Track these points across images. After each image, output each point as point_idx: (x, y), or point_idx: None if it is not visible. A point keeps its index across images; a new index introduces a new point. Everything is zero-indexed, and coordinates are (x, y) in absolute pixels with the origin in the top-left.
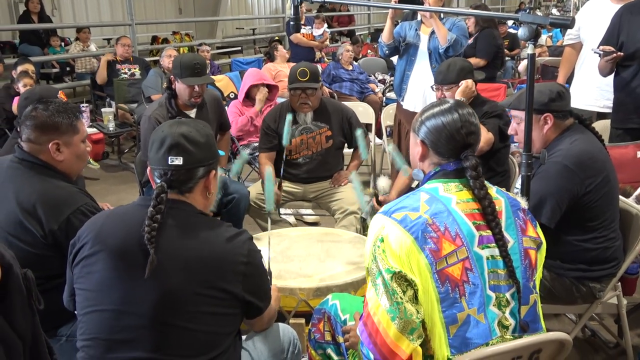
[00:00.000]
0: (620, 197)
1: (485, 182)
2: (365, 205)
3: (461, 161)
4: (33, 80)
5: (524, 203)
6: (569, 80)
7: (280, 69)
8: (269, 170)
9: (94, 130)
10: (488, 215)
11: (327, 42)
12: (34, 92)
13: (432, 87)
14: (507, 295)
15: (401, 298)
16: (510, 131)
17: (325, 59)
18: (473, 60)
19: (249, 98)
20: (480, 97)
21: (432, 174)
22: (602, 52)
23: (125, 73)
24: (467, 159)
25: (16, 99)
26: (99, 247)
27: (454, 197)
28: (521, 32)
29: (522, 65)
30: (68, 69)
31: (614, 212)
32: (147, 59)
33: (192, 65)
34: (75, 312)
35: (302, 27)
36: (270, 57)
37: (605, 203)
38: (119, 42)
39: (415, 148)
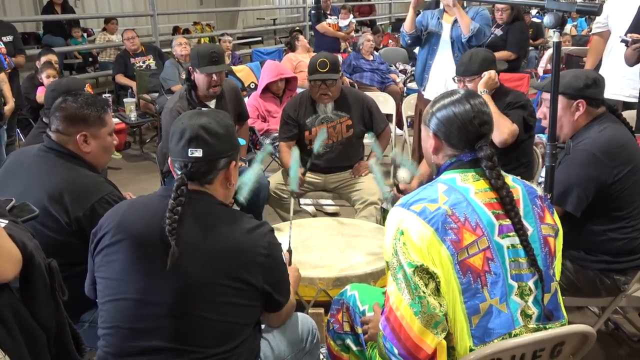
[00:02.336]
0: None
1: (501, 171)
2: (387, 193)
3: (476, 152)
4: (56, 70)
5: (540, 190)
6: (596, 69)
7: (301, 59)
8: (296, 151)
9: (116, 120)
10: (506, 205)
11: (353, 33)
12: (61, 84)
13: (453, 78)
14: (530, 283)
15: (423, 292)
16: (539, 115)
17: (349, 49)
18: (504, 54)
19: (269, 90)
20: (504, 88)
21: (449, 164)
22: (630, 40)
23: (140, 66)
24: (482, 149)
25: (40, 88)
26: (121, 237)
27: (472, 186)
28: (547, 19)
29: (547, 54)
30: (90, 59)
31: None
32: (168, 49)
33: (209, 54)
34: (97, 300)
35: (329, 17)
36: (292, 47)
37: (633, 192)
38: (124, 37)
39: (428, 141)
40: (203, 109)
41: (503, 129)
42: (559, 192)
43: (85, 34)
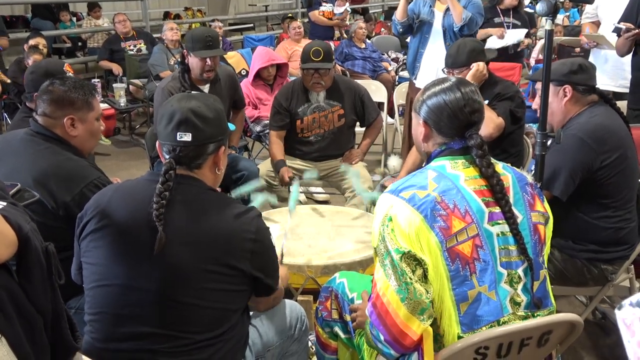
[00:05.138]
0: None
1: (491, 159)
2: (363, 192)
3: (466, 140)
4: (42, 55)
5: (530, 178)
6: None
7: (296, 48)
8: (296, 187)
9: (105, 105)
10: (497, 193)
11: (347, 22)
12: (39, 66)
13: (443, 70)
14: (519, 271)
15: (410, 278)
16: (534, 106)
17: (345, 36)
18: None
19: (260, 77)
20: (493, 78)
21: (439, 152)
22: (623, 28)
23: (131, 49)
24: (472, 137)
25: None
26: (106, 222)
27: (462, 174)
28: (539, 6)
29: (539, 44)
30: (80, 44)
31: (631, 192)
32: (159, 35)
33: (204, 38)
34: (83, 285)
35: (324, 4)
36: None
37: (621, 181)
38: (115, 20)
39: (418, 129)
40: (193, 92)
41: (488, 122)
42: (547, 177)
43: (74, 18)
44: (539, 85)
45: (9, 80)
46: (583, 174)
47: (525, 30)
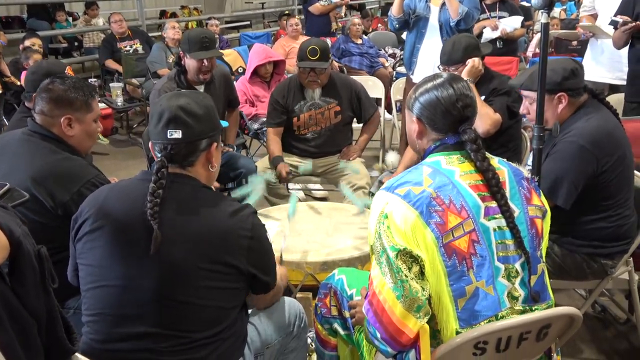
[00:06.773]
0: (635, 172)
1: (487, 153)
2: (361, 204)
3: (460, 135)
4: (41, 55)
5: (526, 172)
6: (582, 53)
7: (294, 45)
8: (294, 198)
9: (103, 105)
10: (492, 187)
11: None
12: (41, 66)
13: (438, 67)
14: (517, 265)
15: (406, 276)
16: (522, 110)
17: (340, 31)
18: (522, 31)
19: (257, 74)
20: (490, 72)
21: (433, 148)
22: (620, 21)
23: (128, 50)
24: (466, 132)
25: (24, 73)
26: (101, 223)
27: (457, 169)
28: None
29: (536, 38)
30: (76, 43)
31: (629, 190)
32: (155, 34)
33: (200, 39)
34: (79, 287)
35: (321, 0)
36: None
37: (620, 181)
38: (111, 20)
39: (412, 126)
40: (183, 90)
41: (485, 119)
42: (549, 186)
43: (70, 18)
44: (525, 93)
45: (19, 83)
46: (585, 181)
47: (520, 18)
